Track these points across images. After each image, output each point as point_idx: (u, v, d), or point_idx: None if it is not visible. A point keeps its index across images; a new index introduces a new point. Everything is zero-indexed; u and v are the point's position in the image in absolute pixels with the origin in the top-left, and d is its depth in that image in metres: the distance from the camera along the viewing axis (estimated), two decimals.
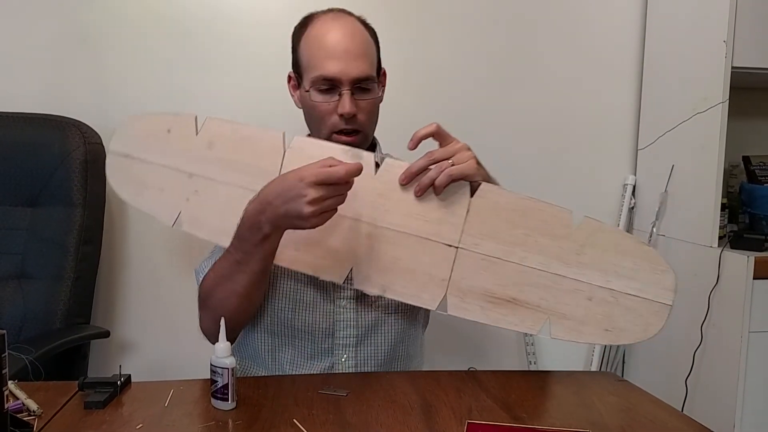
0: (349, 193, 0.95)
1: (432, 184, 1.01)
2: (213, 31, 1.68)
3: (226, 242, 1.07)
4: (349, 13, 1.14)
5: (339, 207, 0.95)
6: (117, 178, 1.12)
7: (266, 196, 0.95)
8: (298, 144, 1.06)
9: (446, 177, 1.00)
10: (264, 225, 0.95)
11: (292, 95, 1.19)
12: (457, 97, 1.80)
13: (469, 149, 1.03)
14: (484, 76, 1.81)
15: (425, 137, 1.01)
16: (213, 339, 1.07)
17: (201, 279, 1.10)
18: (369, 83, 1.10)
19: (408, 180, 1.03)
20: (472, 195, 1.03)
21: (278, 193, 0.94)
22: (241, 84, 1.70)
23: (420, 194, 1.03)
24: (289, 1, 1.68)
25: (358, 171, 0.92)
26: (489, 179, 1.06)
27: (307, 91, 1.09)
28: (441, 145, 1.03)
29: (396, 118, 1.17)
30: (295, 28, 1.16)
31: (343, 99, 1.07)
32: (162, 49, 1.67)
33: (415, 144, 1.01)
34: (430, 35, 1.77)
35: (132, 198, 1.11)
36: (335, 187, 0.91)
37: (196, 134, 1.08)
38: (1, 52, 1.63)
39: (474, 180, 1.02)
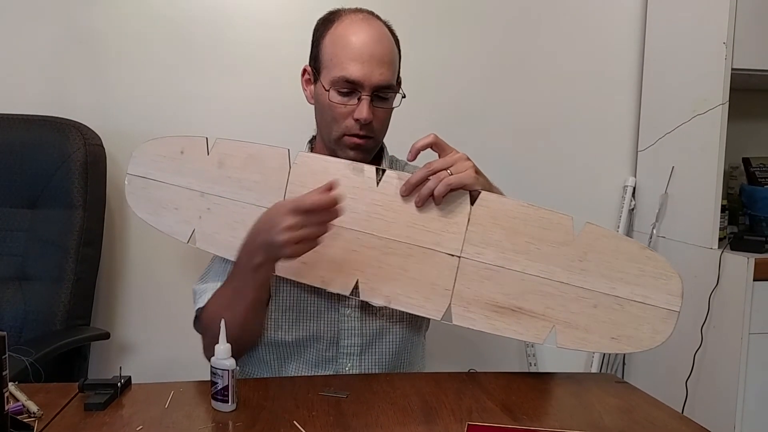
0: (352, 205, 0.94)
1: (431, 194, 1.01)
2: (213, 32, 1.68)
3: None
4: (378, 17, 1.12)
5: (343, 220, 0.95)
6: (136, 199, 1.14)
7: (256, 224, 0.96)
8: (303, 160, 1.07)
9: (444, 186, 1.00)
10: (256, 253, 0.95)
11: (305, 89, 1.16)
12: (457, 98, 1.80)
13: (468, 159, 1.03)
14: (483, 78, 1.81)
15: (423, 148, 1.02)
16: None
17: (200, 301, 1.08)
18: (388, 92, 1.09)
19: (408, 191, 1.03)
20: (472, 204, 1.03)
21: (264, 220, 0.95)
22: (241, 85, 1.70)
23: (420, 205, 1.03)
24: (290, 3, 1.68)
25: (330, 203, 0.89)
26: (490, 188, 1.05)
27: (327, 90, 1.07)
28: (440, 156, 1.04)
29: (396, 119, 1.16)
30: (319, 21, 1.14)
31: (362, 105, 1.05)
32: (163, 50, 1.67)
33: (414, 155, 1.02)
34: (429, 36, 1.77)
35: (150, 218, 1.13)
36: (310, 216, 0.90)
37: (207, 154, 1.10)
38: (1, 54, 1.63)
39: (474, 189, 1.02)
